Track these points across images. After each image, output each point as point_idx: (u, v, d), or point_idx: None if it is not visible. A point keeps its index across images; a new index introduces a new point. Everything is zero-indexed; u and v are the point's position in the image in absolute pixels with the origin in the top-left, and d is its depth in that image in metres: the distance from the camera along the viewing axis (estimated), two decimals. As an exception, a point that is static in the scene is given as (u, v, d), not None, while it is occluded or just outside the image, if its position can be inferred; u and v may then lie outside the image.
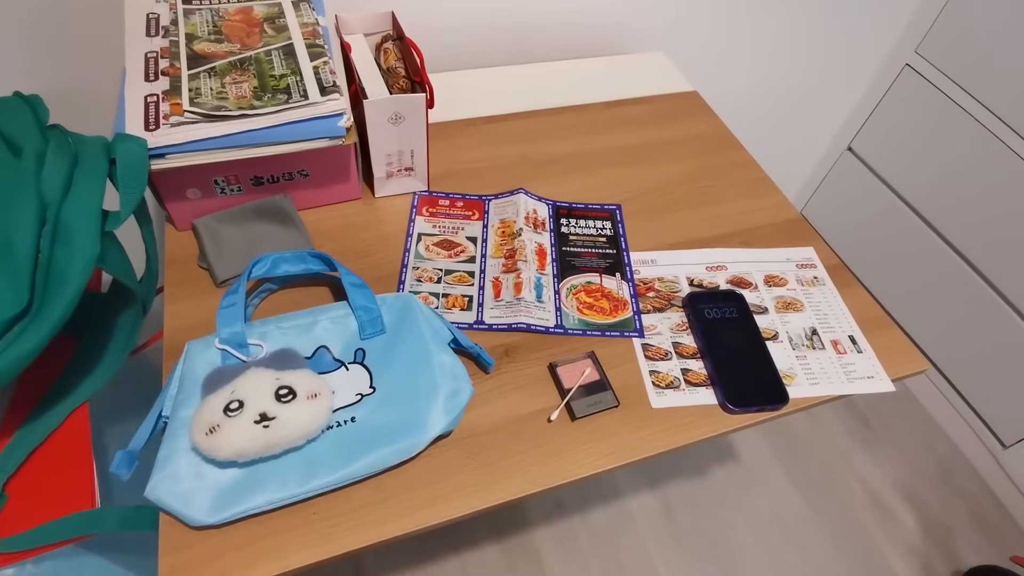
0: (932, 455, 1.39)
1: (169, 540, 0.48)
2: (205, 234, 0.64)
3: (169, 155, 0.57)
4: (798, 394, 0.60)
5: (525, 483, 0.54)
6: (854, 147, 1.46)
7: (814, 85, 1.33)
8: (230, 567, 0.47)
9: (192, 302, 0.62)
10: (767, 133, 1.39)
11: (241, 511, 0.47)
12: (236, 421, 0.46)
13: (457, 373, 0.55)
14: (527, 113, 0.89)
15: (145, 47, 0.64)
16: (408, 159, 0.71)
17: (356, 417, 0.52)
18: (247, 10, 0.70)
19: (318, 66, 0.64)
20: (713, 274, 0.71)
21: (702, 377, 0.62)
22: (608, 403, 0.58)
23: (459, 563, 1.13)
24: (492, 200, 0.75)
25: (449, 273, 0.67)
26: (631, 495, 1.25)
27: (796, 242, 0.76)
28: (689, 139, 0.88)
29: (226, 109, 0.59)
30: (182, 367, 0.52)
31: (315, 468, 0.49)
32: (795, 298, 0.69)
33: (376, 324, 0.57)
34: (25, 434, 0.59)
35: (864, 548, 1.23)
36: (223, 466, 0.48)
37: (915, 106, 1.30)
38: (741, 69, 1.21)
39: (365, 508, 0.51)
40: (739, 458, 1.33)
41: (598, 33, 1.02)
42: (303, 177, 0.68)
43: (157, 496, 0.46)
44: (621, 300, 0.67)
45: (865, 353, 0.64)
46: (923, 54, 1.27)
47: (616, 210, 0.76)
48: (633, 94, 0.94)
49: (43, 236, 0.47)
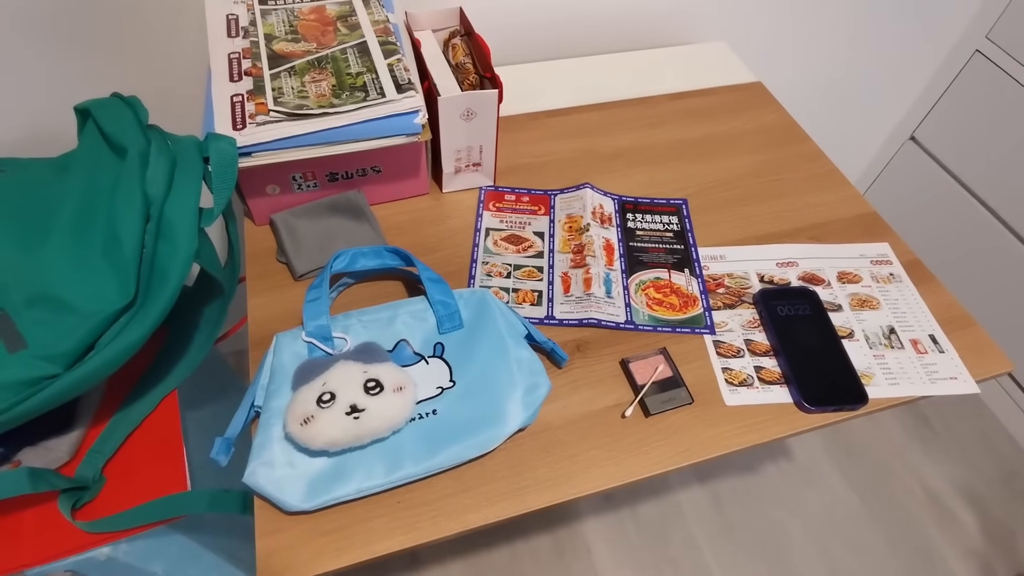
0: (995, 456, 1.34)
1: (264, 524, 0.50)
2: (283, 229, 0.66)
3: (255, 153, 0.59)
4: (877, 394, 0.59)
5: (601, 478, 0.54)
6: (917, 136, 1.41)
7: (875, 73, 1.28)
8: (322, 551, 0.49)
9: (273, 295, 0.65)
10: (825, 122, 1.35)
11: (332, 498, 0.49)
12: (328, 412, 0.48)
13: (534, 368, 0.56)
14: (589, 106, 0.88)
15: (227, 48, 0.66)
16: (476, 154, 0.71)
17: (437, 410, 0.53)
18: (320, 9, 0.72)
19: (392, 63, 0.65)
20: (784, 270, 0.70)
21: (776, 375, 0.61)
22: (682, 400, 0.58)
23: (511, 552, 1.15)
24: (558, 195, 0.75)
25: (518, 268, 0.68)
26: (681, 489, 1.25)
27: (869, 237, 0.74)
28: (755, 131, 0.86)
29: (308, 108, 0.60)
30: (272, 359, 0.54)
31: (400, 459, 0.51)
32: (870, 295, 0.67)
33: (454, 319, 0.58)
34: (121, 419, 0.62)
35: (921, 549, 1.20)
36: (314, 455, 0.50)
37: (985, 94, 1.25)
38: (801, 57, 1.18)
39: (447, 498, 0.52)
40: (792, 455, 1.31)
41: (658, 24, 1.01)
42: (375, 173, 0.69)
43: (255, 482, 0.48)
44: (691, 296, 0.67)
45: (947, 353, 0.62)
46: (995, 39, 1.22)
47: (682, 205, 0.76)
48: (696, 85, 0.93)
49: (147, 233, 0.49)
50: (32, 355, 0.48)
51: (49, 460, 0.58)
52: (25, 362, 0.48)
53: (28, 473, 0.53)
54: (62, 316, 0.49)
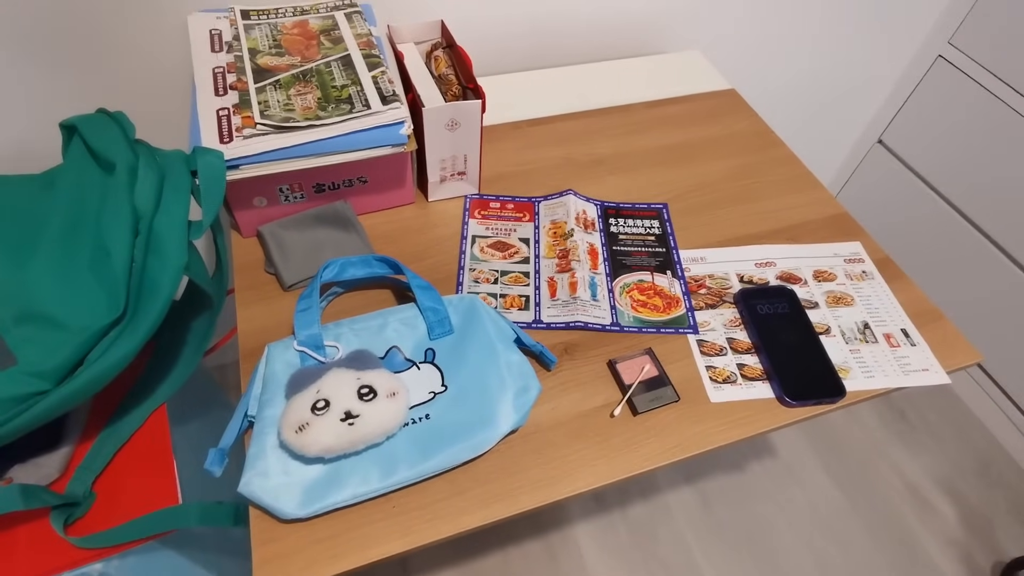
0: (970, 447, 1.39)
1: (259, 533, 0.50)
2: (271, 241, 0.67)
3: (243, 166, 0.59)
4: (854, 387, 0.62)
5: (593, 477, 0.55)
6: (885, 140, 1.46)
7: (843, 78, 1.32)
8: (318, 558, 0.49)
9: (261, 306, 0.65)
10: (796, 126, 1.39)
11: (328, 505, 0.49)
12: (323, 419, 0.48)
13: (524, 371, 0.57)
14: (569, 115, 0.90)
15: (212, 62, 0.66)
16: (461, 163, 0.73)
17: (430, 414, 0.54)
18: (303, 23, 0.73)
19: (376, 76, 0.67)
20: (762, 270, 0.72)
21: (758, 371, 0.63)
22: (669, 398, 0.60)
23: (503, 557, 1.15)
24: (541, 201, 0.77)
25: (505, 274, 0.69)
26: (669, 489, 1.27)
27: (842, 237, 0.76)
28: (730, 137, 0.89)
29: (294, 120, 0.61)
30: (264, 369, 0.55)
31: (394, 464, 0.51)
32: (845, 292, 0.70)
33: (444, 324, 0.59)
34: (109, 435, 0.62)
35: (904, 540, 1.23)
36: (309, 462, 0.51)
37: (948, 97, 1.30)
38: (770, 63, 1.21)
39: (441, 502, 0.53)
40: (776, 452, 1.34)
41: (634, 34, 1.03)
42: (362, 183, 0.70)
43: (250, 491, 0.49)
44: (673, 297, 0.69)
45: (919, 346, 0.65)
46: (957, 44, 1.27)
47: (663, 209, 0.78)
48: (672, 93, 0.96)
49: (136, 247, 0.50)
50: (21, 372, 0.48)
51: (39, 477, 0.57)
52: (15, 379, 0.48)
53: (20, 490, 0.53)
54: (51, 332, 0.49)
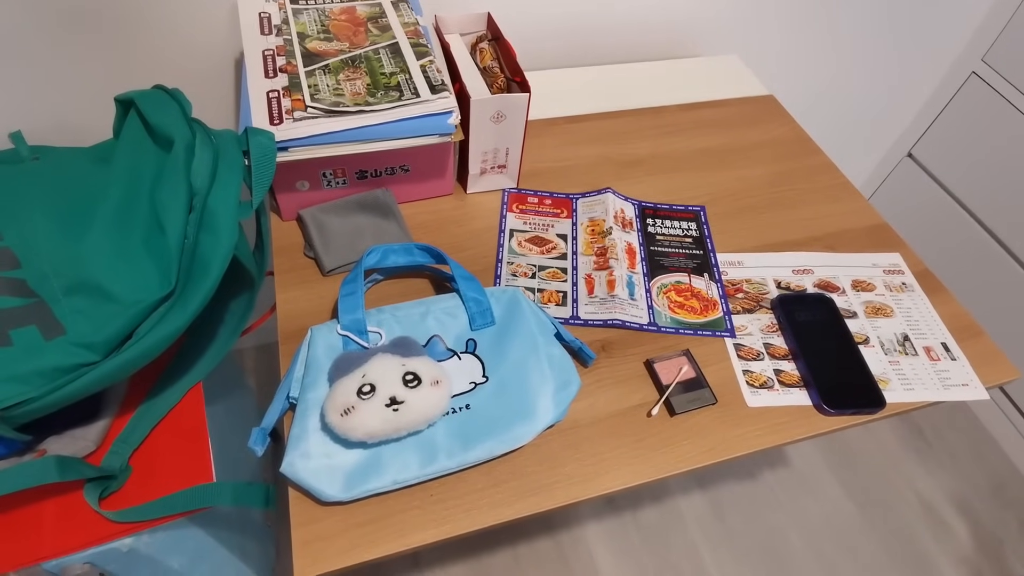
0: (985, 467, 1.38)
1: (299, 514, 0.50)
2: (312, 225, 0.67)
3: (292, 148, 0.59)
4: (893, 399, 0.61)
5: (629, 475, 0.55)
6: (915, 153, 1.45)
7: (876, 91, 1.32)
8: (359, 542, 0.49)
9: (301, 290, 0.65)
10: (826, 135, 1.39)
11: (368, 489, 0.49)
12: (369, 404, 0.48)
13: (565, 366, 0.57)
14: (606, 114, 0.90)
15: (261, 44, 0.67)
16: (503, 157, 0.73)
17: (471, 405, 0.54)
18: (351, 10, 0.73)
19: (425, 65, 0.67)
20: (800, 277, 0.72)
21: (795, 378, 0.63)
22: (706, 400, 0.60)
23: (513, 554, 1.15)
24: (580, 199, 0.77)
25: (543, 269, 0.69)
26: (681, 495, 1.26)
27: (881, 247, 0.76)
28: (768, 143, 0.89)
29: (344, 105, 0.61)
30: (307, 351, 0.55)
31: (434, 452, 0.51)
32: (884, 303, 0.69)
33: (486, 316, 0.59)
34: (147, 410, 0.62)
35: (915, 557, 1.22)
36: (350, 447, 0.51)
37: (979, 114, 1.29)
38: (804, 72, 1.21)
39: (478, 492, 0.53)
40: (790, 463, 1.33)
41: (673, 36, 1.03)
42: (404, 172, 0.70)
43: (293, 472, 0.49)
44: (711, 300, 0.68)
45: (959, 361, 0.65)
46: (990, 63, 1.26)
47: (700, 211, 0.77)
48: (708, 97, 0.95)
49: (190, 223, 0.50)
50: (70, 342, 0.49)
51: (76, 449, 0.57)
52: (63, 349, 0.48)
53: (56, 462, 0.53)
54: (102, 304, 0.49)
